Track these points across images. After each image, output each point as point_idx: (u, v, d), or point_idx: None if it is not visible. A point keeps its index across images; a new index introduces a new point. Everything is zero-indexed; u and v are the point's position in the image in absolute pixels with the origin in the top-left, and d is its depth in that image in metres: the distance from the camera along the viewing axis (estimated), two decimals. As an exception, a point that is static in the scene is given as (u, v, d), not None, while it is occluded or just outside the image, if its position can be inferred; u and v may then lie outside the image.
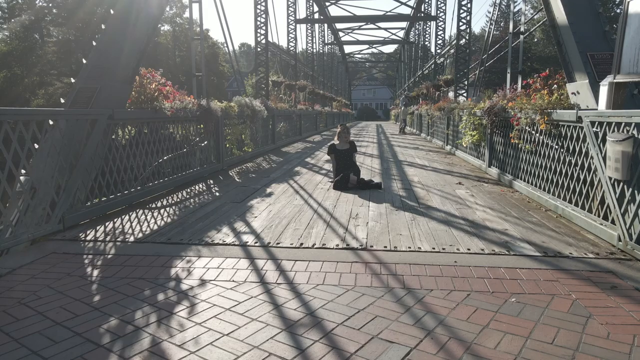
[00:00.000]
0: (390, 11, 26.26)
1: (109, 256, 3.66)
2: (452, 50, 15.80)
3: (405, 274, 3.24)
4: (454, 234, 4.22)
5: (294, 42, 18.99)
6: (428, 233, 4.24)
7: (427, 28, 24.89)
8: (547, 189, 5.35)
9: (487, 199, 5.80)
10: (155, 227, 4.51)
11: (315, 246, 3.87)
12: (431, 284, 3.05)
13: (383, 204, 5.53)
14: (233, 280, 3.14)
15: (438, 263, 3.44)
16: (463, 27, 13.67)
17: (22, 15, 48.45)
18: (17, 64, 42.69)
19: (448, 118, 12.53)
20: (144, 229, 4.42)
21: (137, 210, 5.19)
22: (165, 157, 6.43)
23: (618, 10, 45.38)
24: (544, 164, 5.44)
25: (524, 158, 6.09)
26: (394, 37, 37.44)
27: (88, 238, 4.12)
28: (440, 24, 18.54)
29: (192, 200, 5.86)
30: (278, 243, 3.96)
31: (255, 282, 3.12)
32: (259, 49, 14.32)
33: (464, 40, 13.59)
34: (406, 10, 24.77)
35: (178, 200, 5.86)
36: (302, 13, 21.79)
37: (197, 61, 9.09)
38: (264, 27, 14.14)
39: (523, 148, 6.05)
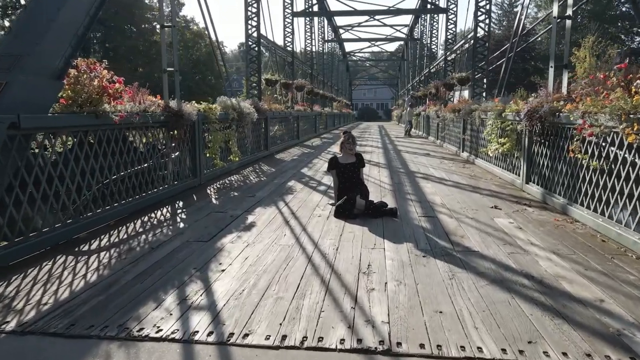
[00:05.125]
0: (393, 6, 24.75)
1: (-48, 370, 2.15)
2: (466, 45, 14.30)
3: None
4: (524, 311, 2.69)
5: (290, 37, 17.47)
6: (484, 309, 2.72)
7: (435, 23, 23.38)
8: (634, 227, 3.83)
9: (543, 235, 4.28)
10: (67, 293, 3.00)
11: (305, 343, 2.35)
12: None
13: (403, 245, 4.02)
14: None
15: (524, 395, 1.92)
16: (482, 18, 12.11)
17: (18, 13, 47.04)
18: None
19: (464, 121, 11.01)
20: (45, 299, 2.90)
21: (58, 257, 3.67)
22: (116, 176, 4.93)
23: None
24: (625, 190, 3.93)
25: (590, 178, 4.57)
26: (396, 34, 35.92)
27: (-55, 322, 2.60)
28: (450, 16, 17.02)
29: (143, 237, 4.34)
30: (246, 334, 2.44)
31: None
32: (250, 43, 12.78)
33: (482, 32, 12.04)
34: (411, 4, 23.25)
35: (125, 236, 4.34)
36: (299, 6, 20.31)
37: (169, 54, 7.55)
38: (255, 18, 12.60)
39: (589, 165, 4.53)
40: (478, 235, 4.32)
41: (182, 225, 4.80)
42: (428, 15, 24.67)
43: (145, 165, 5.58)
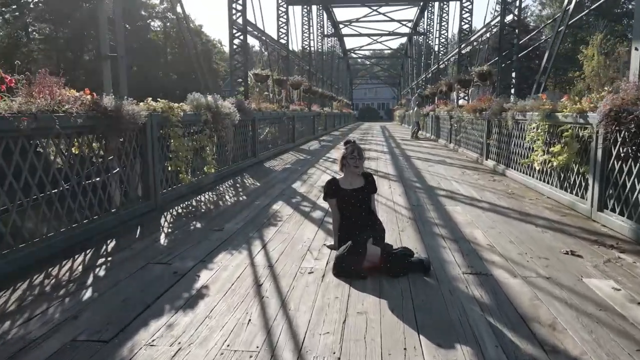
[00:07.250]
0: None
1: None
2: (487, 34, 12.49)
3: None
4: None
5: (285, 27, 15.64)
6: None
7: (445, 14, 21.52)
8: None
9: (692, 324, 2.50)
10: None
11: None
12: None
13: (457, 351, 2.23)
14: None
15: None
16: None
17: (6, 11, 45.63)
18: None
19: (489, 123, 9.24)
20: None
21: None
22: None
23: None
24: None
25: None
26: (399, 29, 34.09)
27: None
28: (465, 4, 15.19)
29: (7, 325, 2.55)
30: None
31: None
32: (234, 31, 10.99)
33: (511, 15, 10.18)
34: (418, -5, 21.37)
35: (-26, 326, 2.56)
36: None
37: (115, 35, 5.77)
38: (240, 2, 10.81)
39: None
40: (579, 323, 2.52)
41: (87, 294, 3.00)
42: (436, 7, 22.83)
43: (55, 191, 3.79)
